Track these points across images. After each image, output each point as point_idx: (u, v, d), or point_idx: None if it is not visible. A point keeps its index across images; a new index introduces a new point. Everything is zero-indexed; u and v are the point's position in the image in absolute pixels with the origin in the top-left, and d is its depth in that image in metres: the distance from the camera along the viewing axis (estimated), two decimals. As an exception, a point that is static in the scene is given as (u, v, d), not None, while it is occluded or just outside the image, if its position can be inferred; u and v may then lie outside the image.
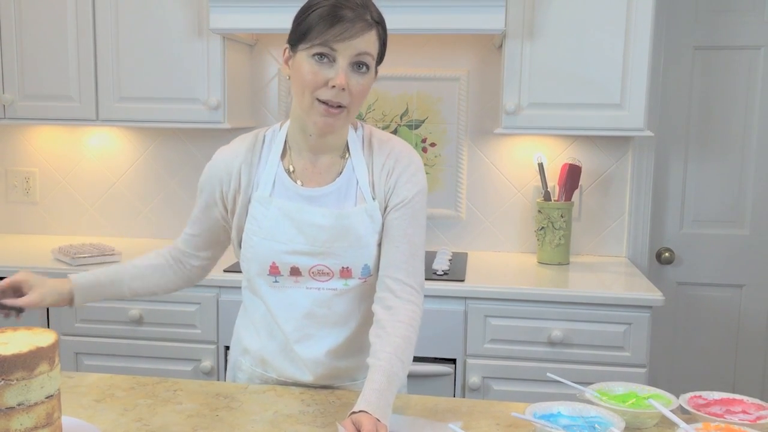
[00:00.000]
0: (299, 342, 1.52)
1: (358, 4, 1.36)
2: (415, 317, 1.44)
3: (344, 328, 1.53)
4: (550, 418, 1.29)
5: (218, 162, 1.54)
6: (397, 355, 1.36)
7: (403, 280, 1.46)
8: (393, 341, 1.38)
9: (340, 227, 1.46)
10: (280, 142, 1.52)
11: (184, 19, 2.67)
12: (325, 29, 1.34)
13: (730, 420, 1.28)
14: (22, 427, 1.10)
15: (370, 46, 1.38)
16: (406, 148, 1.53)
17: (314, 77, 1.37)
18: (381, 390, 1.31)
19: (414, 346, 1.43)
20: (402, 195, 1.48)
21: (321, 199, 1.48)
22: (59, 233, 3.21)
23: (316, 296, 1.50)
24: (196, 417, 1.39)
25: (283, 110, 3.02)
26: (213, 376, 2.51)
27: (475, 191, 2.98)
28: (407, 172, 1.50)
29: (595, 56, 2.52)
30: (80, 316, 2.56)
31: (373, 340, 1.41)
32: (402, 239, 1.47)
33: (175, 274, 1.67)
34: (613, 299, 2.35)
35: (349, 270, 1.49)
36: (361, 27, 1.35)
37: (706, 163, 2.96)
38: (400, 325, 1.41)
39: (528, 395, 2.31)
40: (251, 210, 1.49)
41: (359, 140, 1.53)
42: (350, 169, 1.50)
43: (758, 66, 2.88)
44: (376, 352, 1.37)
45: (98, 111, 2.76)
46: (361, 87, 1.40)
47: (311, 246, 1.46)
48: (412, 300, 1.45)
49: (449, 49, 2.92)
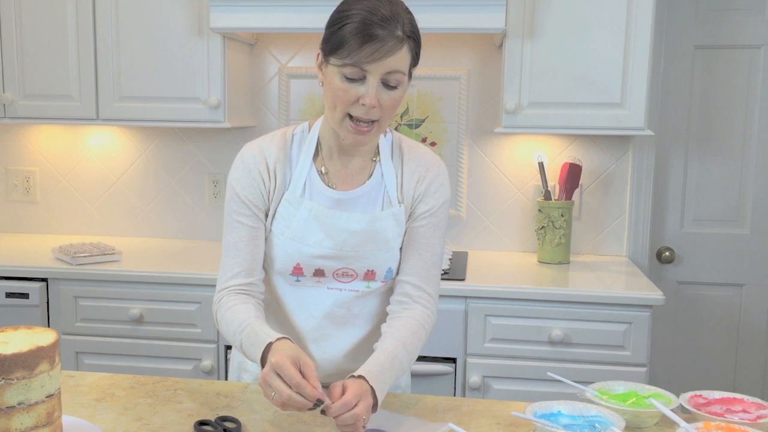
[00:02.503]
0: (315, 342, 1.53)
1: (388, 17, 1.32)
2: (428, 320, 1.49)
3: (360, 329, 1.54)
4: (550, 418, 1.29)
5: (255, 158, 1.48)
6: (404, 344, 1.41)
7: (422, 287, 1.50)
8: (402, 333, 1.42)
9: (370, 231, 1.47)
10: (311, 142, 1.51)
11: (185, 18, 2.67)
12: (356, 47, 1.31)
13: (730, 419, 1.28)
14: (23, 427, 1.10)
15: (400, 62, 1.35)
16: (435, 157, 1.56)
17: (345, 94, 1.36)
18: (383, 365, 1.34)
19: (422, 345, 1.47)
20: (430, 204, 1.51)
21: (351, 202, 1.49)
22: (59, 232, 3.21)
23: (337, 297, 1.51)
24: (197, 416, 1.39)
25: (284, 110, 3.02)
26: (213, 375, 2.51)
27: (475, 190, 2.98)
28: (436, 182, 1.52)
29: (596, 55, 2.52)
30: (81, 316, 2.56)
31: (383, 330, 1.45)
32: (426, 248, 1.51)
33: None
34: (614, 298, 2.35)
35: (373, 273, 1.50)
36: (392, 45, 1.32)
37: (706, 163, 2.95)
38: (413, 321, 1.45)
39: (528, 394, 2.31)
40: (280, 209, 1.48)
41: (388, 145, 1.54)
42: (379, 173, 1.51)
43: (758, 65, 2.88)
44: (384, 339, 1.42)
45: (98, 110, 2.76)
46: (393, 101, 1.38)
47: (339, 250, 1.47)
48: (428, 306, 1.50)
49: (450, 48, 2.92)
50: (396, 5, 1.36)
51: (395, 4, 1.36)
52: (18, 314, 2.56)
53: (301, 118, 2.99)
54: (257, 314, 1.41)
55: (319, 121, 1.53)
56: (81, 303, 2.55)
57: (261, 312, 1.44)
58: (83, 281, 2.55)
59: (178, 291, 2.51)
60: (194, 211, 3.12)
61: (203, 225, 3.11)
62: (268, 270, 1.53)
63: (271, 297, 1.56)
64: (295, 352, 1.25)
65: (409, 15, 1.38)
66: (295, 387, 1.19)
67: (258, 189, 1.48)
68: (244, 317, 1.39)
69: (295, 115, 3.01)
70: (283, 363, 1.20)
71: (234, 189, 1.49)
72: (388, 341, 1.41)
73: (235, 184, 1.49)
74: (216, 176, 3.07)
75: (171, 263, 2.66)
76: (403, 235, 1.51)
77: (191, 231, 3.13)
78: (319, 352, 1.54)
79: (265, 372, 1.22)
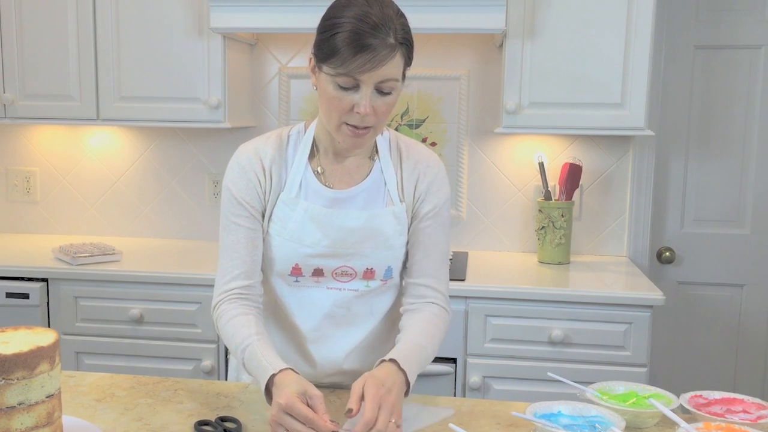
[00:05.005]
0: (315, 342, 1.53)
1: (379, 24, 1.30)
2: (445, 316, 1.51)
3: (360, 329, 1.54)
4: (550, 418, 1.29)
5: (250, 159, 1.48)
6: (427, 334, 1.44)
7: (435, 287, 1.51)
8: (423, 324, 1.45)
9: (369, 228, 1.47)
10: (307, 143, 1.50)
11: (185, 18, 2.67)
12: (348, 58, 1.29)
13: (730, 419, 1.28)
14: (23, 427, 1.10)
15: (393, 70, 1.33)
16: (433, 155, 1.56)
17: (339, 103, 1.35)
18: (412, 350, 1.38)
19: (442, 338, 1.49)
20: (433, 203, 1.51)
21: (349, 200, 1.48)
22: (60, 232, 3.21)
23: (336, 296, 1.51)
24: (197, 416, 1.39)
25: (284, 110, 3.02)
26: (213, 375, 2.51)
27: (475, 191, 2.98)
28: (437, 180, 1.53)
29: (596, 55, 2.52)
30: (81, 316, 2.56)
31: (403, 324, 1.47)
32: (434, 248, 1.51)
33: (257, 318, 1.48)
34: (614, 299, 2.35)
35: (372, 271, 1.50)
36: (384, 55, 1.30)
37: (706, 163, 2.95)
38: (432, 316, 1.48)
39: (528, 395, 2.31)
40: (276, 210, 1.48)
41: (386, 143, 1.53)
42: (378, 171, 1.51)
43: (759, 65, 2.88)
44: (407, 330, 1.44)
45: (99, 110, 2.76)
46: (388, 106, 1.38)
47: (337, 248, 1.47)
48: (443, 305, 1.52)
49: (450, 48, 2.92)
50: (387, 8, 1.33)
51: (386, 6, 1.33)
52: (18, 314, 2.56)
53: (301, 118, 2.99)
54: (258, 330, 1.40)
55: (315, 122, 1.52)
56: (81, 303, 2.55)
57: (261, 324, 1.44)
58: (83, 281, 2.55)
59: (178, 291, 2.51)
60: (194, 211, 3.12)
61: (203, 225, 3.11)
62: (266, 271, 1.53)
63: (270, 298, 1.56)
64: (300, 386, 1.25)
65: (401, 19, 1.35)
66: (308, 423, 1.20)
67: (254, 190, 1.47)
68: (245, 333, 1.39)
69: (295, 115, 3.01)
70: (293, 403, 1.20)
71: (230, 190, 1.48)
72: (412, 330, 1.43)
73: (231, 186, 1.48)
74: (216, 176, 3.07)
75: (171, 263, 2.66)
76: (405, 234, 1.51)
77: (191, 231, 3.13)
78: (318, 352, 1.54)
79: (275, 414, 1.22)
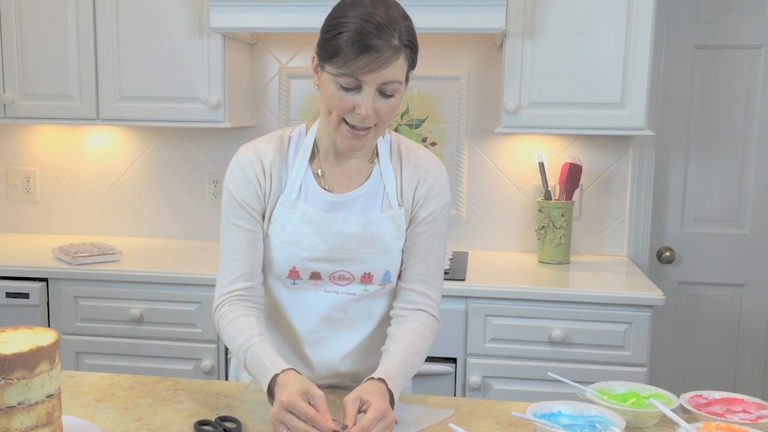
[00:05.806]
0: (312, 344, 1.53)
1: (384, 25, 1.28)
2: (433, 325, 1.50)
3: (357, 332, 1.54)
4: (550, 418, 1.29)
5: (251, 160, 1.47)
6: (415, 347, 1.42)
7: (426, 293, 1.50)
8: (411, 336, 1.44)
9: (367, 234, 1.46)
10: (308, 145, 1.49)
11: (185, 18, 2.67)
12: (352, 58, 1.28)
13: (730, 419, 1.28)
14: (23, 426, 1.10)
15: (396, 73, 1.32)
16: (434, 159, 1.54)
17: (340, 102, 1.34)
18: (399, 368, 1.36)
19: (428, 349, 1.48)
20: (431, 208, 1.50)
21: (348, 204, 1.47)
22: (60, 232, 3.21)
23: (333, 300, 1.50)
24: (197, 416, 1.39)
25: (284, 110, 3.02)
26: (213, 375, 2.51)
27: (475, 190, 2.98)
28: (437, 185, 1.51)
29: (596, 55, 2.52)
30: (81, 316, 2.56)
31: (391, 333, 1.46)
32: (428, 254, 1.50)
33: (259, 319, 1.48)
34: (614, 298, 2.34)
35: (370, 276, 1.49)
36: (388, 56, 1.29)
37: (706, 163, 2.95)
38: (421, 326, 1.47)
39: (528, 394, 2.31)
40: (275, 213, 1.47)
41: (387, 146, 1.52)
42: (378, 174, 1.50)
43: (759, 65, 2.88)
44: (395, 342, 1.42)
45: (99, 110, 2.76)
46: (390, 109, 1.36)
47: (335, 253, 1.46)
48: (432, 313, 1.51)
49: (450, 48, 2.92)
50: (393, 9, 1.32)
51: (392, 8, 1.32)
52: (18, 314, 2.56)
53: (301, 118, 2.99)
54: (260, 331, 1.40)
55: (316, 123, 1.51)
56: (81, 303, 2.55)
57: (263, 325, 1.44)
58: (83, 281, 2.55)
59: (178, 291, 2.51)
60: (194, 211, 3.12)
61: (203, 225, 3.11)
62: (265, 273, 1.53)
63: (268, 299, 1.56)
64: (303, 385, 1.25)
65: (407, 21, 1.34)
66: (310, 421, 1.20)
67: (254, 191, 1.47)
68: (247, 334, 1.39)
69: (295, 115, 3.01)
70: (294, 401, 1.21)
71: (231, 192, 1.48)
72: (400, 344, 1.41)
73: (232, 187, 1.48)
74: (216, 176, 3.07)
75: (171, 263, 2.66)
76: (403, 239, 1.50)
77: (191, 231, 3.13)
78: (315, 355, 1.53)
79: (276, 411, 1.22)
